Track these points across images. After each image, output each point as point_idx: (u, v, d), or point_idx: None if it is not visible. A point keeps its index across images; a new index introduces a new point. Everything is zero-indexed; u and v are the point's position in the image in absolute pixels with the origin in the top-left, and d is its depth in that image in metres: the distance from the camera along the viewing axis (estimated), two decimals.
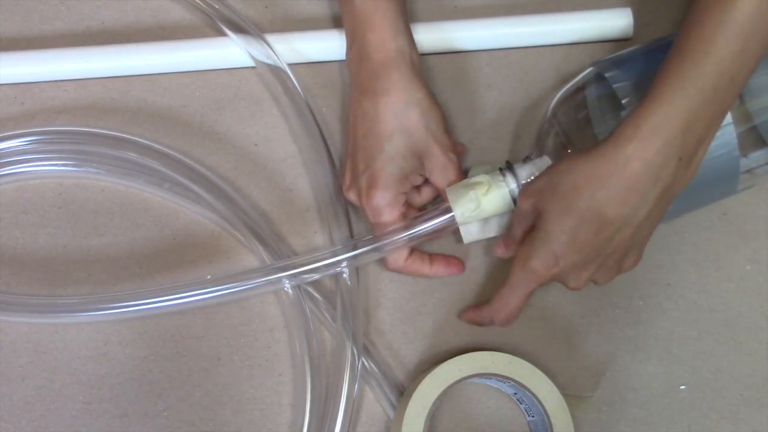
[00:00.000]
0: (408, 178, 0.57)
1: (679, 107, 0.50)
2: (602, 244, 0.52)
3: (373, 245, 0.58)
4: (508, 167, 0.58)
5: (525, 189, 0.55)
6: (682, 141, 0.50)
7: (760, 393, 0.61)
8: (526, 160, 0.59)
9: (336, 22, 0.66)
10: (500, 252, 0.59)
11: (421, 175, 0.59)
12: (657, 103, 0.50)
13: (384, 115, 0.56)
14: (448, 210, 0.57)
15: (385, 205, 0.57)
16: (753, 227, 0.64)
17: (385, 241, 0.57)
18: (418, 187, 0.60)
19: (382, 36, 0.57)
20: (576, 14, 0.66)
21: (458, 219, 0.57)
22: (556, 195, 0.52)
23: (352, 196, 0.59)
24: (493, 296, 0.57)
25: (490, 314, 0.57)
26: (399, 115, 0.56)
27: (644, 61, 0.57)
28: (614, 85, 0.56)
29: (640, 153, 0.50)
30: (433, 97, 0.58)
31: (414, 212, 0.60)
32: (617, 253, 0.53)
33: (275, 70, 0.63)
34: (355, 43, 0.59)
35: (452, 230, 0.58)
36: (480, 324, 0.60)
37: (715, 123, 0.52)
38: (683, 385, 0.61)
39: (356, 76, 0.59)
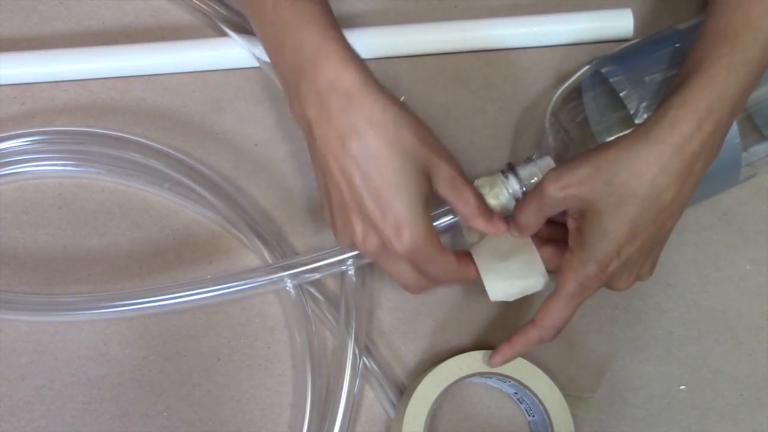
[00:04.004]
0: (429, 201, 0.51)
1: (731, 90, 0.50)
2: (656, 232, 0.51)
3: None
4: (510, 168, 0.58)
5: (558, 178, 0.51)
6: (727, 123, 0.51)
7: (760, 393, 0.61)
8: (528, 160, 0.59)
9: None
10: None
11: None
12: (711, 84, 0.50)
13: (378, 148, 0.48)
14: (452, 212, 0.57)
15: (424, 237, 0.50)
16: (753, 227, 0.64)
17: None
18: None
19: (336, 64, 0.49)
20: (576, 14, 0.66)
21: (462, 221, 0.57)
22: (610, 185, 0.49)
23: (371, 245, 0.51)
24: (540, 312, 0.53)
25: (538, 334, 0.53)
26: (394, 139, 0.49)
27: (640, 56, 0.57)
28: (611, 79, 0.56)
29: (698, 134, 0.49)
30: (405, 106, 0.51)
31: None
32: (663, 242, 0.53)
33: None
34: (303, 83, 0.50)
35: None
36: (522, 352, 0.55)
37: (744, 106, 0.52)
38: (683, 385, 0.61)
39: (319, 120, 0.50)
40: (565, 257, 0.53)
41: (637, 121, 0.55)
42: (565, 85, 0.61)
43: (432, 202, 0.51)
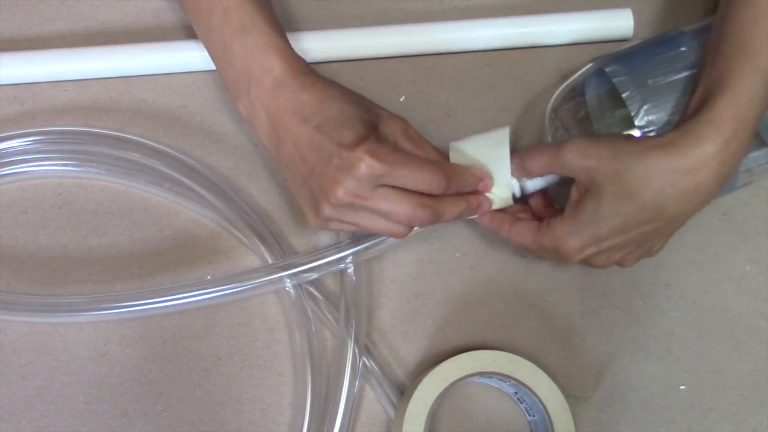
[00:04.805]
0: (377, 131, 0.53)
1: (754, 110, 0.50)
2: (650, 232, 0.52)
3: (375, 240, 0.58)
4: None
5: (582, 147, 0.52)
6: (748, 142, 0.51)
7: (760, 393, 0.61)
8: None
9: (334, 23, 0.66)
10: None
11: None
12: (736, 105, 0.50)
13: (323, 104, 0.52)
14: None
15: (380, 146, 0.51)
16: (753, 227, 0.64)
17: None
18: None
19: (281, 67, 0.53)
20: (576, 14, 0.66)
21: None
22: (620, 176, 0.50)
23: (342, 190, 0.51)
24: (518, 227, 0.55)
25: (504, 235, 0.56)
26: (336, 95, 0.53)
27: (645, 57, 0.57)
28: (614, 80, 0.56)
29: (720, 155, 0.50)
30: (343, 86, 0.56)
31: None
32: (655, 240, 0.54)
33: None
34: (253, 86, 0.54)
35: None
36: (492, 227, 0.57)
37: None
38: (683, 385, 0.61)
39: (275, 114, 0.53)
40: (557, 219, 0.54)
41: (637, 123, 0.55)
42: (567, 82, 0.61)
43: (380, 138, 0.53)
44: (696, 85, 0.53)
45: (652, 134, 0.55)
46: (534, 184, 0.57)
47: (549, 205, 0.58)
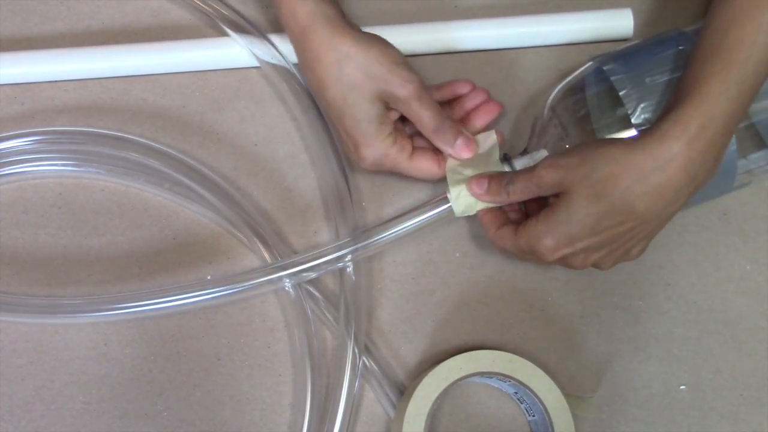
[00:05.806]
0: (384, 122, 0.57)
1: (724, 108, 0.50)
2: (623, 233, 0.52)
3: (373, 239, 0.58)
4: (506, 159, 0.58)
5: (552, 161, 0.53)
6: (721, 141, 0.51)
7: (760, 393, 0.61)
8: (524, 153, 0.59)
9: None
10: (477, 190, 0.57)
11: (395, 110, 0.59)
12: (704, 103, 0.50)
13: (327, 83, 0.56)
14: (446, 200, 0.58)
15: (380, 155, 0.58)
16: (753, 227, 0.64)
17: (384, 234, 0.58)
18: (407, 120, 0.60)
19: (291, 7, 0.57)
20: (576, 14, 0.66)
21: (456, 213, 0.57)
22: (588, 179, 0.51)
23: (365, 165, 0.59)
24: (500, 232, 0.57)
25: (490, 236, 0.58)
26: (338, 76, 0.56)
27: (643, 56, 0.57)
28: (612, 78, 0.56)
29: (685, 152, 0.50)
30: (364, 40, 0.56)
31: (421, 142, 0.60)
32: (631, 242, 0.54)
33: (280, 70, 0.63)
34: (299, 51, 0.59)
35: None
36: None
37: (740, 122, 0.52)
38: (683, 385, 0.61)
39: (297, 53, 0.60)
40: (532, 220, 0.54)
41: (634, 121, 0.55)
42: (566, 80, 0.61)
43: (392, 117, 0.58)
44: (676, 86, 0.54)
45: None
46: (522, 163, 0.58)
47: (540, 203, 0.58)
